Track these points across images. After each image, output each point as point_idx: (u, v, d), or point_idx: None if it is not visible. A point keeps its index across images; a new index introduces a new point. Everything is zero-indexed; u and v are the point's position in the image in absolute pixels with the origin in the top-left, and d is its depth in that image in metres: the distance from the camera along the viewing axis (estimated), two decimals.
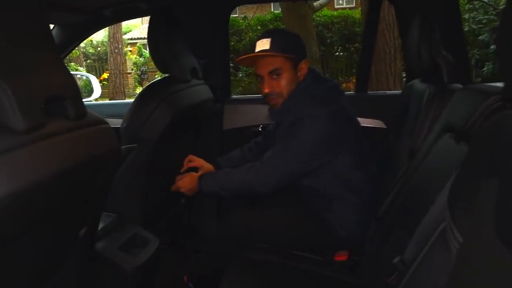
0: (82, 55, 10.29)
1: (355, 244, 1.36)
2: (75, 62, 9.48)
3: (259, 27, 8.71)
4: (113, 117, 1.84)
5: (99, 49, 11.73)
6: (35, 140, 0.68)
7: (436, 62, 1.31)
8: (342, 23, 8.39)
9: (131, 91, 10.15)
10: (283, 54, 1.37)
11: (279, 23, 8.31)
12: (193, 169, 1.63)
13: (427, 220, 0.83)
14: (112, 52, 9.76)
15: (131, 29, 13.50)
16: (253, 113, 2.09)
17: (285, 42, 1.38)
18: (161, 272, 1.68)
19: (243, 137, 1.96)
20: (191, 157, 1.65)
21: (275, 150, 1.39)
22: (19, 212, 0.67)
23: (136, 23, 13.95)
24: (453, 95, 1.05)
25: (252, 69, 6.25)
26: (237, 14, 10.53)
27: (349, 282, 1.28)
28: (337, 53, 8.50)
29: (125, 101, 2.42)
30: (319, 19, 8.38)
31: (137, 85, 10.92)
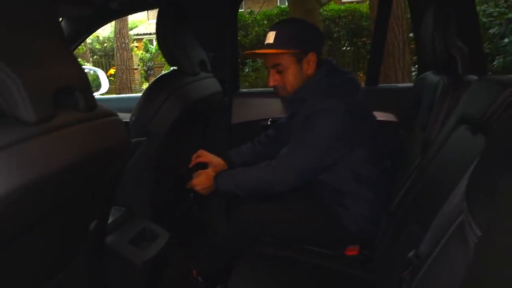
0: (88, 51, 10.33)
1: (366, 238, 1.34)
2: (81, 58, 9.52)
3: (265, 22, 8.67)
4: (120, 111, 1.84)
5: (105, 45, 11.75)
6: (45, 131, 0.67)
7: (450, 53, 1.28)
8: (349, 17, 8.32)
9: (137, 86, 10.17)
10: (283, 50, 1.35)
11: (285, 17, 8.25)
12: (202, 164, 1.62)
13: (444, 213, 0.82)
14: (118, 47, 9.77)
15: (137, 25, 13.51)
16: (262, 106, 2.08)
17: (290, 36, 1.36)
18: (170, 266, 1.68)
19: (251, 131, 1.95)
20: (200, 152, 1.63)
21: (291, 146, 1.36)
22: (29, 204, 0.66)
23: (142, 18, 13.97)
24: (469, 87, 1.03)
25: (258, 64, 6.26)
26: (243, 9, 10.49)
27: (360, 276, 1.27)
28: (344, 48, 8.44)
29: (133, 95, 2.41)
30: (326, 13, 8.32)
31: (144, 80, 10.94)
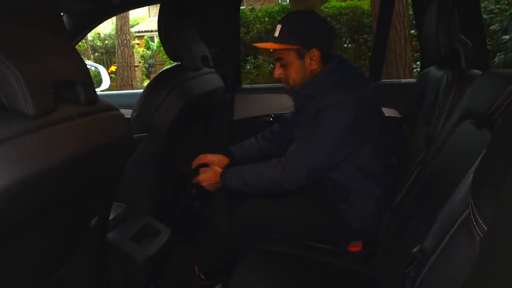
0: (89, 48, 10.30)
1: (370, 234, 1.34)
2: (82, 55, 9.44)
3: (266, 19, 8.63)
4: (122, 107, 1.83)
5: (106, 42, 11.73)
6: (45, 125, 0.67)
7: (454, 47, 1.27)
8: (350, 14, 8.27)
9: (138, 84, 10.16)
10: (284, 46, 1.34)
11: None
12: (203, 165, 1.61)
13: (449, 208, 0.81)
14: (119, 45, 9.76)
15: (138, 22, 13.48)
16: (264, 103, 2.07)
17: (293, 31, 1.35)
18: (172, 263, 1.68)
19: (253, 127, 1.94)
20: (201, 156, 1.63)
21: (299, 143, 1.34)
22: (30, 199, 0.66)
23: (143, 16, 13.94)
24: (473, 81, 1.02)
25: (259, 61, 6.26)
26: (244, 6, 10.46)
27: (363, 273, 1.26)
28: (345, 45, 8.41)
29: (134, 91, 2.40)
30: (327, 10, 8.28)
31: (145, 78, 10.92)
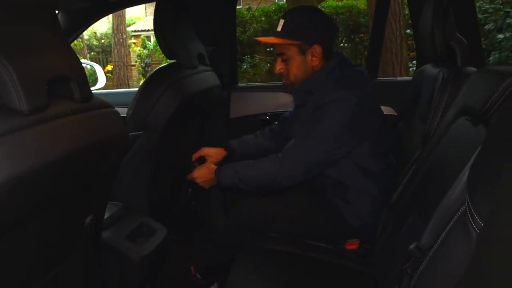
0: (86, 47, 10.27)
1: (367, 232, 1.33)
2: (79, 54, 9.42)
3: (263, 18, 8.64)
4: (118, 106, 1.82)
5: (103, 41, 11.70)
6: (39, 121, 0.66)
7: (449, 45, 1.27)
8: (347, 14, 8.29)
9: (135, 83, 10.14)
10: (286, 41, 1.34)
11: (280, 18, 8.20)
12: (202, 159, 1.60)
13: (445, 204, 0.81)
14: (116, 44, 9.73)
15: (135, 21, 13.44)
16: (261, 101, 2.06)
17: (295, 26, 1.34)
18: (168, 262, 1.67)
19: (250, 125, 1.94)
20: (200, 150, 1.62)
21: (298, 139, 1.34)
22: (23, 196, 0.65)
23: (140, 15, 13.90)
24: (468, 78, 1.02)
25: (256, 61, 6.28)
26: (241, 5, 10.46)
27: (360, 270, 1.26)
28: (342, 44, 8.42)
29: (130, 90, 2.39)
30: (324, 9, 8.29)
31: (141, 77, 10.89)
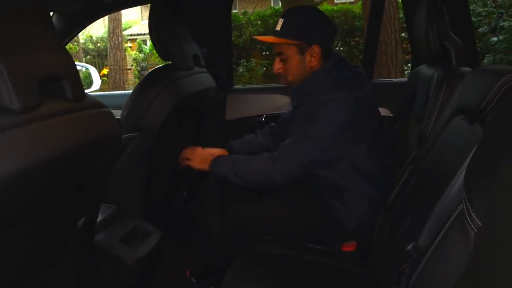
0: (81, 50, 10.25)
1: (364, 234, 1.32)
2: (74, 57, 9.39)
3: (259, 22, 8.67)
4: (112, 108, 1.80)
5: (98, 45, 11.67)
6: (30, 120, 0.66)
7: (444, 45, 1.27)
8: (342, 18, 8.34)
9: (131, 86, 10.10)
10: (285, 40, 1.33)
11: (279, 18, 8.24)
12: None
13: (442, 204, 0.81)
14: (112, 47, 9.71)
15: (131, 25, 13.43)
16: (256, 103, 2.06)
17: (295, 26, 1.34)
18: (162, 266, 1.66)
19: (246, 128, 1.93)
20: (199, 150, 1.54)
21: (293, 137, 1.33)
22: (15, 194, 0.65)
23: (136, 19, 13.89)
24: (463, 78, 1.03)
25: (252, 64, 6.31)
26: (237, 9, 10.48)
27: (358, 272, 1.25)
28: (337, 48, 8.46)
29: (126, 92, 2.38)
30: None
31: (137, 81, 10.86)
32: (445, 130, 1.02)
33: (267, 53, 8.98)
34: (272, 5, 11.24)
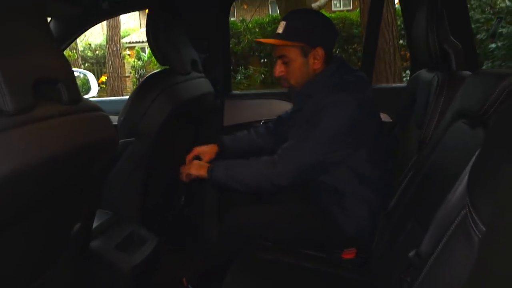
0: (80, 58, 10.27)
1: (364, 241, 1.31)
2: (73, 65, 9.44)
3: (257, 30, 8.73)
4: (110, 114, 1.80)
5: (97, 52, 11.69)
6: (25, 122, 0.65)
7: (444, 49, 1.27)
8: (340, 25, 8.38)
9: (129, 94, 10.10)
10: (289, 42, 1.31)
11: (277, 25, 8.28)
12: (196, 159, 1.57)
13: (445, 209, 0.79)
14: (110, 55, 9.72)
15: (129, 33, 13.46)
16: (254, 108, 2.05)
17: (298, 28, 1.32)
18: (159, 272, 1.64)
19: None
20: (193, 150, 1.57)
21: (294, 140, 1.31)
22: (9, 197, 0.64)
23: (134, 27, 13.94)
24: (464, 82, 1.02)
25: (250, 72, 6.35)
26: (235, 17, 10.54)
27: (358, 280, 1.23)
28: (335, 55, 8.51)
29: (122, 97, 2.38)
30: None
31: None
32: (446, 134, 1.01)
33: (265, 60, 9.02)
34: (270, 12, 11.32)
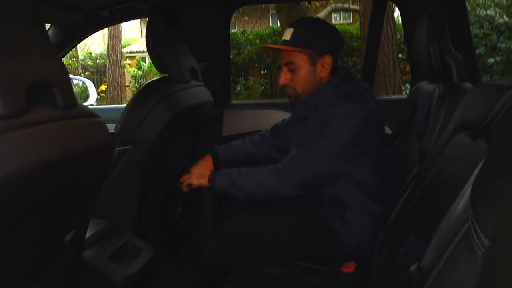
0: (80, 66, 10.30)
1: (364, 254, 1.28)
2: (73, 73, 9.48)
3: (257, 41, 8.78)
4: (107, 121, 1.78)
5: (98, 61, 11.75)
6: (18, 126, 0.63)
7: (445, 60, 1.26)
8: None
9: None
10: (298, 49, 1.30)
11: (277, 37, 8.37)
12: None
13: (447, 222, 0.77)
14: (110, 64, 9.77)
15: (130, 43, 13.54)
16: (254, 118, 2.03)
17: (307, 35, 1.31)
18: (154, 284, 1.61)
19: None
20: (185, 177, 1.49)
21: (300, 150, 1.29)
22: (2, 201, 0.61)
23: (136, 37, 14.02)
24: (465, 94, 1.01)
25: (250, 83, 6.38)
26: (236, 28, 10.62)
27: None
28: (341, 65, 8.55)
29: (121, 105, 2.37)
30: None
31: None
32: (448, 146, 1.00)
33: (265, 72, 9.06)
34: (270, 24, 11.41)
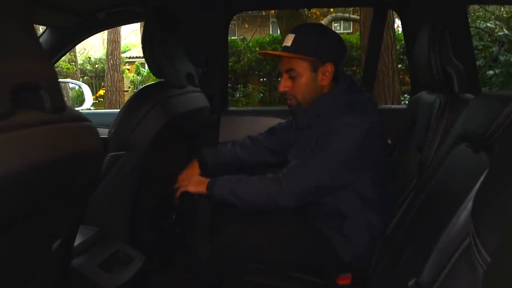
0: (79, 71, 10.30)
1: (360, 266, 1.25)
2: (71, 78, 9.47)
3: (257, 49, 8.81)
4: (101, 126, 1.76)
5: (96, 66, 11.76)
6: (3, 129, 0.60)
7: (446, 70, 1.24)
8: None
9: None
10: (299, 55, 1.27)
11: (277, 45, 8.39)
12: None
13: (447, 236, 0.75)
14: (109, 69, 9.77)
15: (130, 48, 13.57)
16: (250, 125, 2.01)
17: (309, 41, 1.28)
18: None
19: None
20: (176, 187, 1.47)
21: (302, 160, 1.26)
22: None
23: (135, 42, 14.05)
24: (466, 105, 0.99)
25: (249, 90, 6.36)
26: (236, 36, 10.66)
27: None
28: (345, 73, 8.57)
29: (116, 110, 2.34)
30: None
31: None
32: (448, 157, 0.97)
33: (265, 79, 9.08)
34: (270, 32, 11.46)
